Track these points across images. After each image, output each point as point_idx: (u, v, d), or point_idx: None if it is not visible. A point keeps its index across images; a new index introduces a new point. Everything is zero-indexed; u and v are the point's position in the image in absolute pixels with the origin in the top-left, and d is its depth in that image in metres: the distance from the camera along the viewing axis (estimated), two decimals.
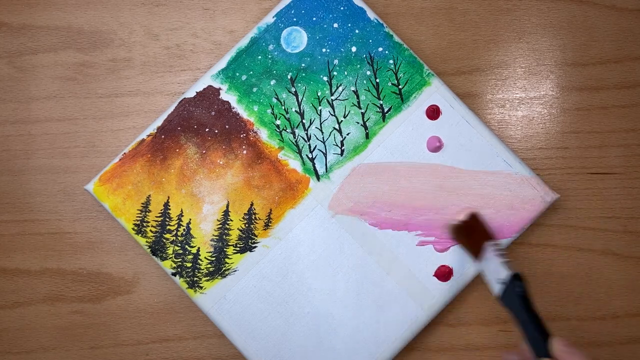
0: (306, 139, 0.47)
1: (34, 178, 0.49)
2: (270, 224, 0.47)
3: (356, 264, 0.46)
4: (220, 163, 0.47)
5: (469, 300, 0.49)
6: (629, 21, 0.50)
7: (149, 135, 0.47)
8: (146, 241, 0.46)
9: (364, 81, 0.47)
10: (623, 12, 0.50)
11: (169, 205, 0.46)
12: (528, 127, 0.50)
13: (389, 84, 0.47)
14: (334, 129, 0.47)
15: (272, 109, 0.47)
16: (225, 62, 0.47)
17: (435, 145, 0.47)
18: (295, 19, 0.47)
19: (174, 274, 0.46)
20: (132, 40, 0.50)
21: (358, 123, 0.47)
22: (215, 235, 0.46)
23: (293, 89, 0.47)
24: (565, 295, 0.49)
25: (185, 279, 0.46)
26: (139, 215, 0.46)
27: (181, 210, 0.46)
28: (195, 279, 0.46)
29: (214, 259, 0.46)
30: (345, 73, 0.48)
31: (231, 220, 0.47)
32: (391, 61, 0.47)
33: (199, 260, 0.46)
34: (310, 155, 0.47)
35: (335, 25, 0.48)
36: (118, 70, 0.50)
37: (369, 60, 0.47)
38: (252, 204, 0.47)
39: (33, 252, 0.49)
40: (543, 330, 0.36)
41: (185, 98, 0.47)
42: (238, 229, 0.46)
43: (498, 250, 0.41)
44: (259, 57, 0.47)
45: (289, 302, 0.46)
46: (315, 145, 0.47)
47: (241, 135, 0.47)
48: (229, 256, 0.46)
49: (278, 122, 0.47)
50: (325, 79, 0.47)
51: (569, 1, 0.50)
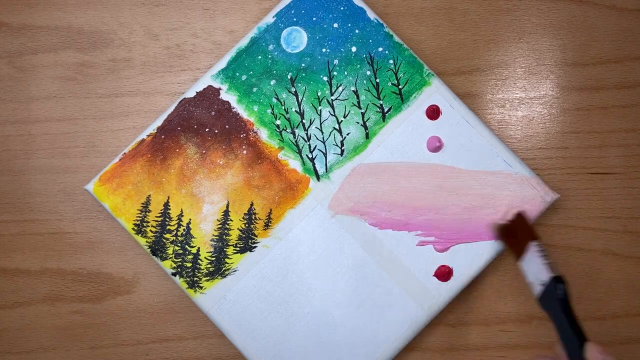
0: (306, 139, 0.47)
1: (34, 178, 0.49)
2: (270, 224, 0.47)
3: (356, 264, 0.46)
4: (220, 163, 0.47)
5: (469, 300, 0.49)
6: (629, 21, 0.50)
7: (149, 135, 0.47)
8: (146, 241, 0.46)
9: (364, 81, 0.47)
10: (623, 12, 0.50)
11: (169, 205, 0.46)
12: (528, 127, 0.50)
13: (389, 84, 0.47)
14: (334, 129, 0.47)
15: (272, 109, 0.47)
16: (225, 62, 0.47)
17: (435, 145, 0.47)
18: (295, 19, 0.47)
19: (174, 274, 0.46)
20: (132, 40, 0.50)
21: (358, 123, 0.47)
22: (215, 235, 0.46)
23: (293, 89, 0.47)
24: None
25: (185, 279, 0.46)
26: (139, 215, 0.46)
27: (181, 210, 0.46)
28: (195, 279, 0.46)
29: (214, 259, 0.46)
30: (345, 73, 0.47)
31: (231, 220, 0.47)
32: (391, 61, 0.47)
33: (199, 260, 0.46)
34: (310, 155, 0.47)
35: (335, 25, 0.48)
36: (118, 70, 0.50)
37: (369, 60, 0.47)
38: (252, 204, 0.47)
39: (33, 252, 0.49)
40: (580, 334, 0.36)
41: (185, 98, 0.47)
42: (238, 229, 0.46)
43: (541, 251, 0.41)
44: (259, 57, 0.47)
45: (289, 302, 0.46)
46: (315, 145, 0.47)
47: (241, 135, 0.47)
48: (229, 256, 0.46)
49: (278, 122, 0.47)
50: (325, 79, 0.47)
51: (569, 1, 0.50)
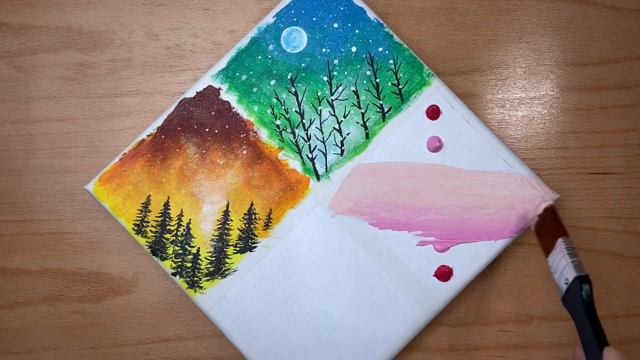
0: (306, 139, 0.47)
1: (34, 178, 0.49)
2: (270, 224, 0.47)
3: (356, 264, 0.46)
4: (220, 163, 0.47)
5: (469, 300, 0.49)
6: (629, 21, 0.50)
7: (149, 135, 0.47)
8: (146, 241, 0.46)
9: (364, 81, 0.47)
10: (623, 12, 0.50)
11: (169, 205, 0.46)
12: (528, 127, 0.50)
13: (389, 84, 0.47)
14: (334, 129, 0.47)
15: (272, 109, 0.47)
16: (225, 62, 0.47)
17: (435, 145, 0.47)
18: (295, 19, 0.47)
19: (174, 274, 0.46)
20: (132, 40, 0.50)
21: (358, 123, 0.47)
22: (215, 235, 0.46)
23: (293, 89, 0.47)
24: None
25: (185, 279, 0.46)
26: (139, 215, 0.46)
27: (181, 210, 0.46)
28: (195, 279, 0.46)
29: (214, 259, 0.46)
30: (345, 73, 0.47)
31: (231, 220, 0.47)
32: (391, 61, 0.47)
33: (199, 260, 0.46)
34: (310, 155, 0.47)
35: (335, 25, 0.48)
36: (118, 70, 0.50)
37: (369, 60, 0.47)
38: (252, 204, 0.47)
39: (33, 252, 0.49)
40: (601, 338, 0.35)
41: (185, 98, 0.47)
42: (238, 229, 0.46)
43: (570, 248, 0.39)
44: (259, 57, 0.47)
45: (289, 302, 0.46)
46: (315, 145, 0.47)
47: (241, 135, 0.47)
48: (229, 256, 0.46)
49: (278, 122, 0.47)
50: (325, 79, 0.47)
51: (569, 1, 0.50)
